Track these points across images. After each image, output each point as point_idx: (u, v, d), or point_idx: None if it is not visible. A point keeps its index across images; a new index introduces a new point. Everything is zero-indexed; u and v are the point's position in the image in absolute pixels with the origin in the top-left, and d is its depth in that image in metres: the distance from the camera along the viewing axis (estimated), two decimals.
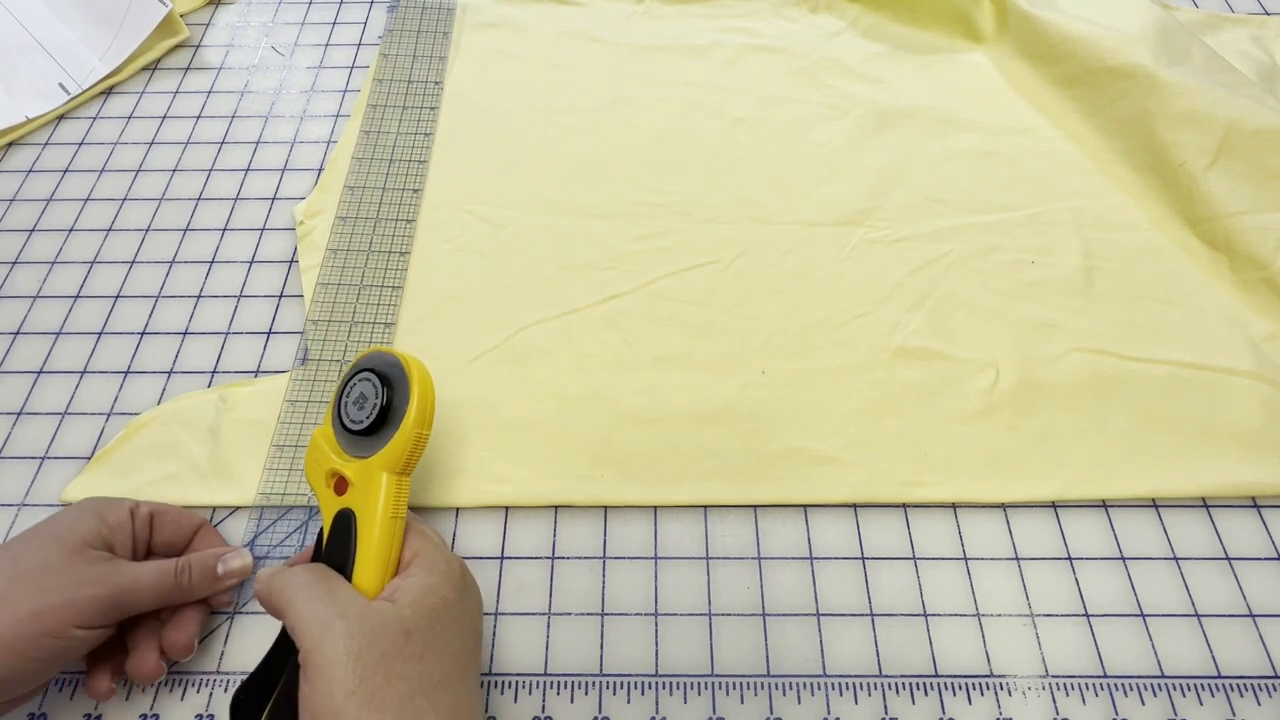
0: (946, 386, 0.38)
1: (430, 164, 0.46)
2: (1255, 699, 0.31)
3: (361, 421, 0.28)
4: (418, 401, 0.28)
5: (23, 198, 0.46)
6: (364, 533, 0.27)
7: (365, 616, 0.24)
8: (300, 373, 0.39)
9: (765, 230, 0.43)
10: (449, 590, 0.27)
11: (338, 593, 0.25)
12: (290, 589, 0.25)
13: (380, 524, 0.27)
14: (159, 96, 0.51)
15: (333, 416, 0.30)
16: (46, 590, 0.27)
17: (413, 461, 0.28)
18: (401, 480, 0.28)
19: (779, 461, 0.36)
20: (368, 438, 0.28)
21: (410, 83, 0.50)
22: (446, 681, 0.25)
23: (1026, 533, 0.35)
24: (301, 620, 0.24)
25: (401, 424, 0.28)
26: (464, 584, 0.28)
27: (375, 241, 0.43)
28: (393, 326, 0.40)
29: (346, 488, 0.28)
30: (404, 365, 0.29)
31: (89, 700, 0.31)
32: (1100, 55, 0.46)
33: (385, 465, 0.28)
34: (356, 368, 0.30)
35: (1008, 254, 0.42)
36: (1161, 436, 0.36)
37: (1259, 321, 0.40)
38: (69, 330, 0.41)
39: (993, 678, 0.32)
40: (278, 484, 0.36)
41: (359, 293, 0.41)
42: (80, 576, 0.28)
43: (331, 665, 0.23)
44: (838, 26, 0.52)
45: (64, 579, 0.27)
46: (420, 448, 0.28)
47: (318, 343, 0.40)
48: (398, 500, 0.28)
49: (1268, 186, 0.41)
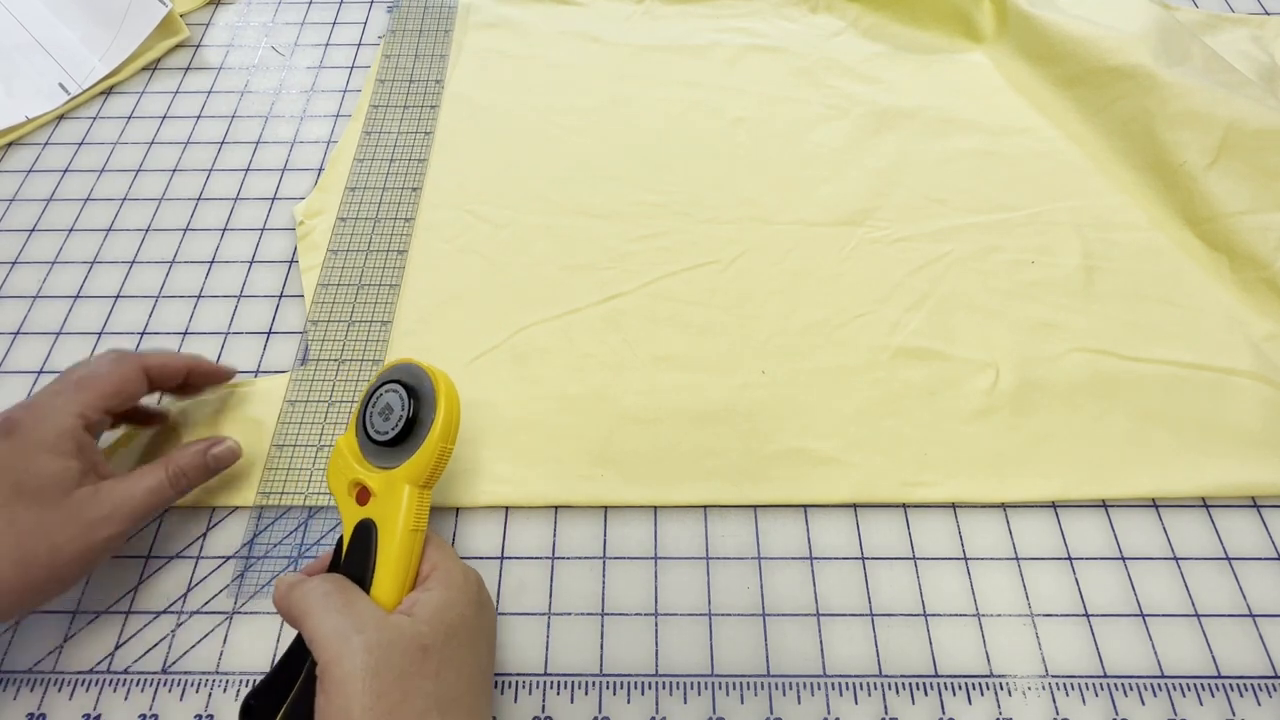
0: (946, 386, 0.38)
1: (430, 164, 0.46)
2: (1255, 699, 0.31)
3: (387, 433, 0.28)
4: (444, 415, 0.28)
5: (23, 198, 0.46)
6: (384, 544, 0.27)
7: (384, 631, 0.24)
8: (300, 373, 0.39)
9: (765, 230, 0.43)
10: (466, 605, 0.27)
11: (356, 605, 0.25)
12: (309, 600, 0.25)
13: (401, 536, 0.27)
14: (159, 96, 0.51)
15: (357, 426, 0.29)
16: (60, 551, 0.28)
17: (436, 475, 0.28)
18: (424, 493, 0.28)
19: (779, 461, 0.36)
20: (392, 449, 0.28)
21: (412, 81, 0.50)
22: (461, 700, 0.25)
23: (1026, 533, 0.35)
24: (320, 632, 0.24)
25: (427, 437, 0.28)
26: (480, 599, 0.28)
27: (374, 241, 0.43)
28: (389, 325, 0.40)
29: (369, 498, 0.28)
30: (431, 379, 0.29)
31: (89, 700, 0.31)
32: (1100, 55, 0.46)
33: (408, 478, 0.28)
34: (383, 378, 0.30)
35: (1008, 254, 0.42)
36: (1161, 436, 0.36)
37: (1259, 321, 0.40)
38: (69, 330, 0.41)
39: (993, 678, 0.32)
40: (277, 484, 0.36)
41: (357, 292, 0.41)
42: (77, 526, 0.28)
43: (349, 680, 0.23)
44: (838, 26, 0.52)
45: (65, 534, 0.28)
46: (444, 462, 0.28)
47: (317, 343, 0.40)
48: (419, 513, 0.28)
49: (1268, 186, 0.41)
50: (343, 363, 0.39)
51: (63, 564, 0.28)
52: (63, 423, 0.30)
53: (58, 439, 0.29)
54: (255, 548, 0.34)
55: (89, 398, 0.30)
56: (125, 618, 0.33)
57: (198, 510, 0.36)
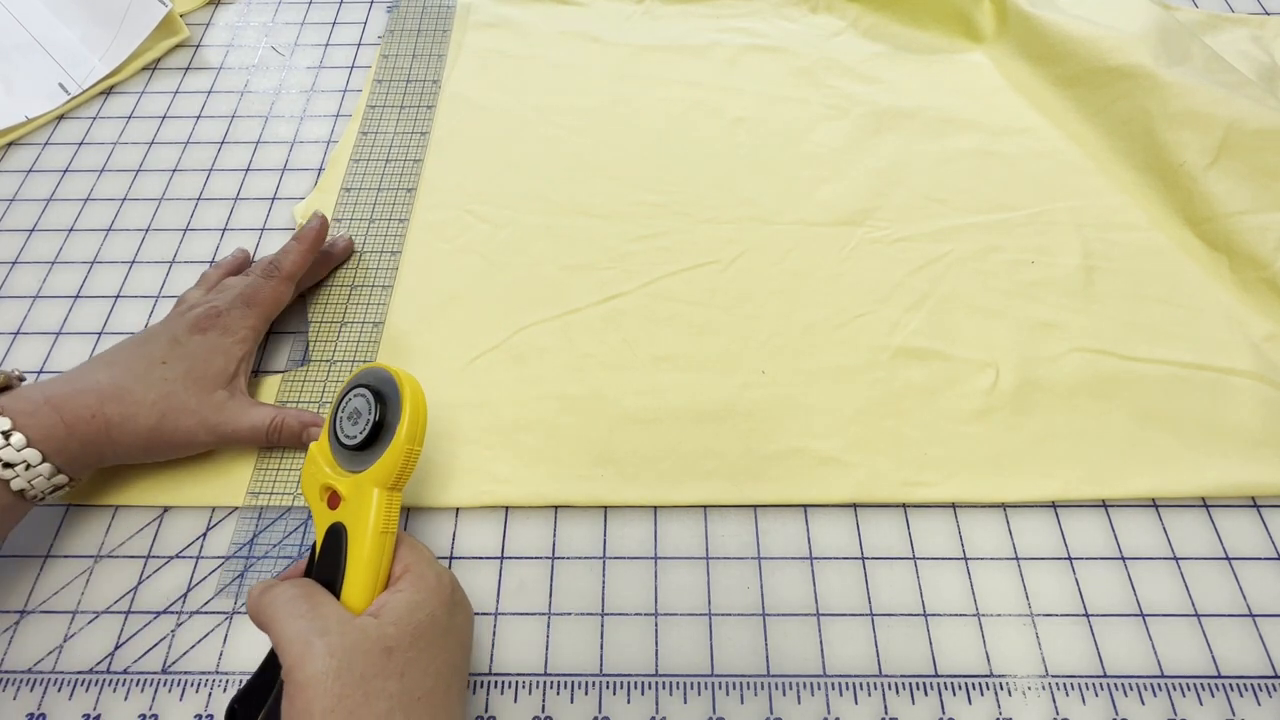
0: (946, 386, 0.38)
1: (430, 164, 0.46)
2: (1255, 699, 0.31)
3: (355, 437, 0.28)
4: (409, 416, 0.28)
5: (23, 198, 0.46)
6: (354, 547, 0.27)
7: (346, 634, 0.24)
8: (292, 375, 0.39)
9: (765, 230, 0.43)
10: (437, 605, 0.27)
11: (321, 609, 0.25)
12: (275, 605, 0.26)
13: (370, 538, 0.27)
14: (159, 96, 0.51)
15: (328, 432, 0.30)
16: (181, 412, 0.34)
17: (404, 477, 0.28)
18: (393, 495, 0.28)
19: (779, 461, 0.36)
20: (361, 453, 0.28)
21: (409, 82, 0.50)
22: (428, 698, 0.25)
23: (1026, 533, 0.35)
24: (284, 637, 0.24)
25: (393, 440, 0.28)
26: (454, 599, 0.28)
27: (368, 242, 0.43)
28: (381, 326, 0.40)
29: (339, 502, 0.28)
30: (396, 381, 0.29)
31: (89, 700, 0.31)
32: (1100, 55, 0.46)
33: (377, 480, 0.28)
34: (352, 383, 0.30)
35: (1008, 254, 0.42)
36: (1161, 436, 0.36)
37: (1259, 321, 0.40)
38: (69, 330, 0.41)
39: (993, 678, 0.32)
40: (266, 484, 0.36)
41: (350, 293, 0.41)
42: (198, 418, 0.34)
43: (311, 683, 0.23)
44: (838, 26, 0.52)
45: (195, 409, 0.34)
46: (411, 463, 0.28)
47: (311, 343, 0.40)
48: (388, 515, 0.28)
49: (1268, 186, 0.41)
50: (331, 363, 0.39)
51: (183, 434, 0.34)
52: (240, 334, 0.36)
53: (233, 344, 0.35)
54: (255, 548, 0.34)
55: (257, 319, 0.37)
56: (125, 618, 0.33)
57: (198, 510, 0.36)
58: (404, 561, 0.28)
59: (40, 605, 0.34)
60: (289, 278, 0.38)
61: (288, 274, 0.38)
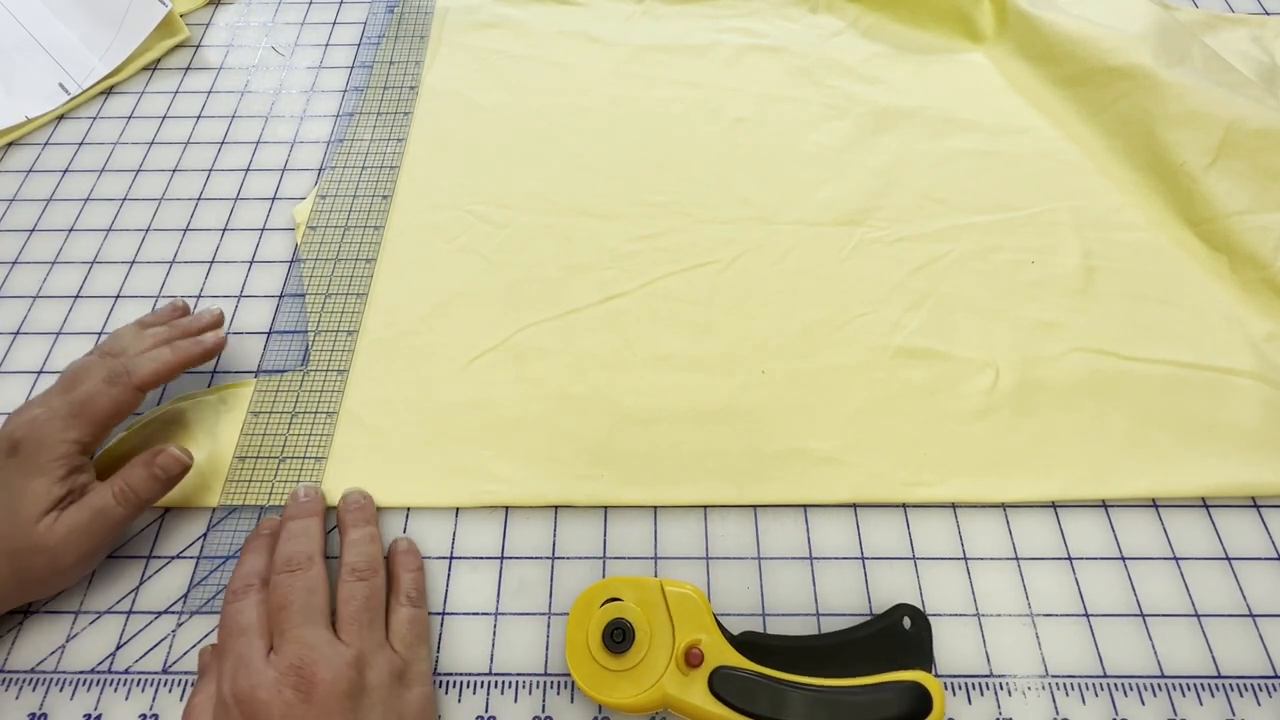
0: (946, 386, 0.38)
1: (428, 164, 0.46)
2: (1255, 699, 0.31)
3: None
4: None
5: (23, 198, 0.46)
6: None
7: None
8: (265, 382, 0.39)
9: (765, 230, 0.43)
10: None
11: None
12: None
13: None
14: (159, 96, 0.51)
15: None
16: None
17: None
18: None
19: (779, 461, 0.36)
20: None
21: (385, 89, 0.50)
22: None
23: (1026, 533, 0.35)
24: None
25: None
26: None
27: (343, 249, 0.43)
28: (355, 335, 0.40)
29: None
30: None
31: (90, 700, 0.32)
32: (1100, 55, 0.46)
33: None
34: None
35: (1008, 254, 0.42)
36: (1161, 436, 0.36)
37: (1259, 321, 0.40)
38: (69, 330, 0.41)
39: (993, 678, 0.32)
40: (266, 484, 0.36)
41: (324, 301, 0.41)
42: (42, 553, 0.30)
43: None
44: (838, 26, 0.52)
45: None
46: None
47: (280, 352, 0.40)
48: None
49: (1268, 186, 0.41)
50: (309, 373, 0.39)
51: (33, 582, 0.31)
52: (59, 450, 0.31)
53: (53, 464, 0.31)
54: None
55: (86, 424, 0.32)
56: (126, 618, 0.33)
57: (198, 510, 0.36)
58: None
59: (43, 606, 0.34)
60: (139, 389, 0.33)
61: (138, 384, 0.33)
